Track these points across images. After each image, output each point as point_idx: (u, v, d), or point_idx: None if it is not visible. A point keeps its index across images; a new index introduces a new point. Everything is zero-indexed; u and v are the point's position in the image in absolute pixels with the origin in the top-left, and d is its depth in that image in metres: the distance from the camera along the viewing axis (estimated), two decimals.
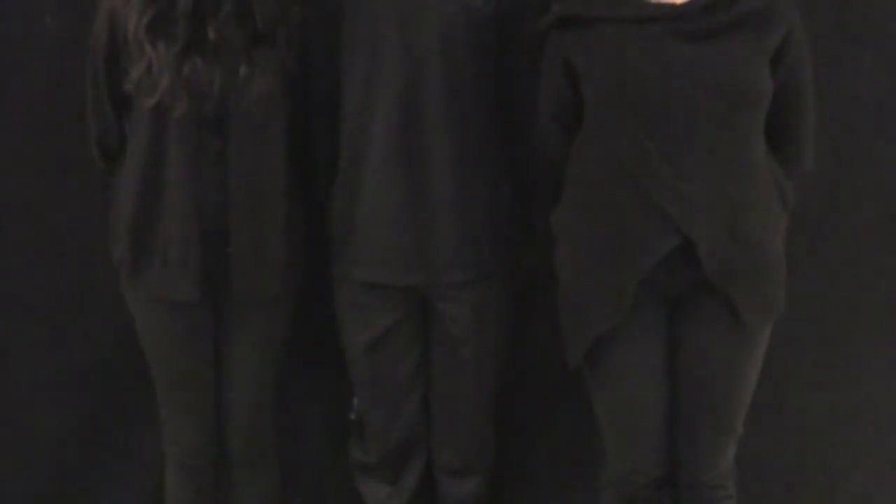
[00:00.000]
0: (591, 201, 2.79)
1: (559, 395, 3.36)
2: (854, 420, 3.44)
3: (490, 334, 3.08)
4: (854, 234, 3.36)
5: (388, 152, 2.92)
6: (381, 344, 3.07)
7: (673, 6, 2.72)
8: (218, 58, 2.81)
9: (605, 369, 2.83)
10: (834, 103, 3.12)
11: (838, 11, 3.24)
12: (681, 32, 2.70)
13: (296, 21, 2.89)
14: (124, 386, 3.38)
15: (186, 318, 2.93)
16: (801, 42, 2.78)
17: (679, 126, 2.69)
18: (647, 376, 2.82)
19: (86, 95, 2.95)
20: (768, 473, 3.41)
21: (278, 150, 2.90)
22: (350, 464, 3.29)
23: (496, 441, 3.25)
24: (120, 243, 2.94)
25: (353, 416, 3.18)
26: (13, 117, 3.28)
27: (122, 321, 3.18)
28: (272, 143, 2.88)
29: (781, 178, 2.82)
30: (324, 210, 3.05)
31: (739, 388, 2.83)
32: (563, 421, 3.42)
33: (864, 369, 3.42)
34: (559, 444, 3.46)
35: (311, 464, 3.46)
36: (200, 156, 2.84)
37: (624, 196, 2.73)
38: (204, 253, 2.87)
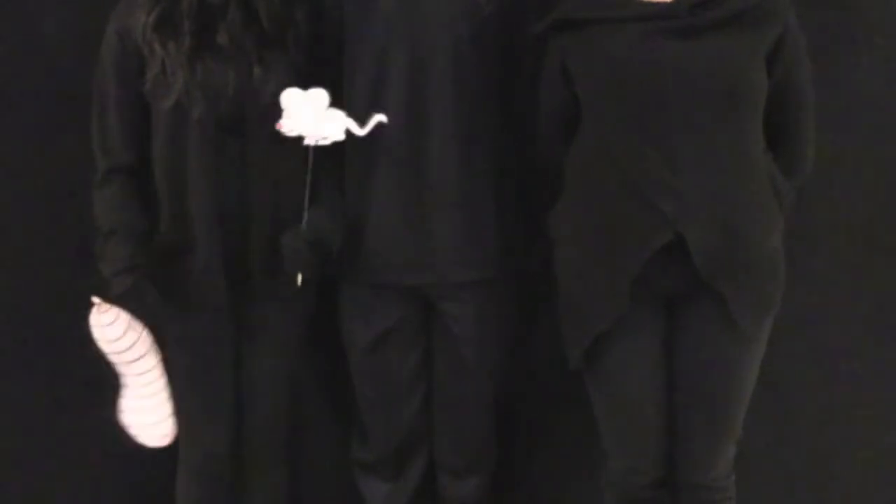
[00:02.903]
0: (587, 200, 2.80)
1: (560, 395, 3.36)
2: (850, 419, 3.45)
3: (492, 335, 3.09)
4: (852, 234, 3.36)
5: (394, 153, 2.92)
6: (383, 344, 3.08)
7: (665, 4, 2.72)
8: (230, 60, 2.82)
9: (603, 370, 2.84)
10: (833, 103, 3.12)
11: (838, 11, 3.24)
12: (673, 30, 2.71)
13: (303, 22, 2.89)
14: None
15: (206, 319, 2.92)
16: (797, 40, 2.79)
17: (672, 123, 2.70)
18: (645, 376, 2.83)
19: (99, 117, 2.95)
20: (765, 473, 3.41)
21: (296, 150, 2.89)
22: (351, 462, 3.29)
23: (497, 441, 3.25)
24: None
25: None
26: (13, 117, 3.28)
27: None
28: (290, 142, 2.88)
29: (778, 176, 2.82)
30: None
31: (737, 388, 2.83)
32: (564, 421, 3.42)
33: (860, 368, 3.42)
34: (560, 445, 3.47)
35: (312, 462, 3.46)
36: (220, 158, 2.85)
37: (619, 194, 2.73)
38: (226, 254, 2.88)
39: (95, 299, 2.87)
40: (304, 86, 2.86)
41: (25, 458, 3.43)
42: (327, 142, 2.82)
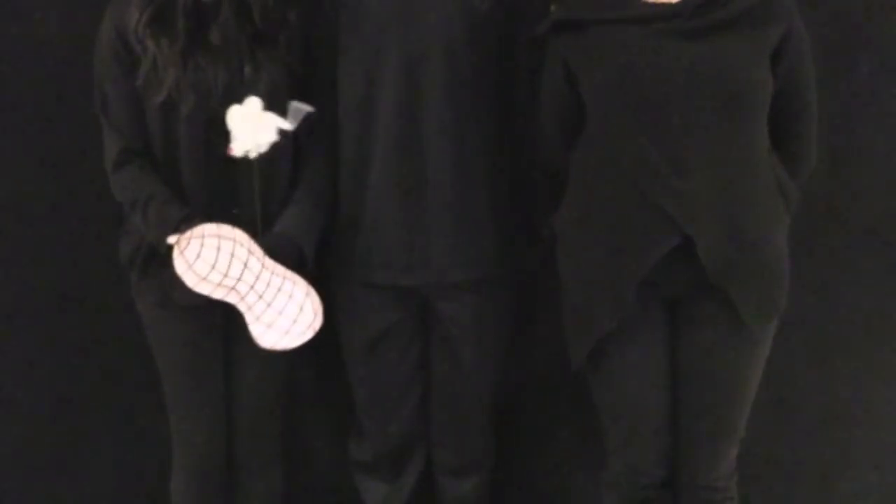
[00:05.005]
0: (592, 202, 2.79)
1: (559, 395, 3.37)
2: (851, 419, 3.45)
3: (490, 335, 3.09)
4: (852, 234, 3.36)
5: (389, 153, 2.92)
6: (380, 344, 3.08)
7: (669, 5, 2.71)
8: (221, 57, 2.82)
9: (607, 370, 2.83)
10: (834, 103, 3.12)
11: (838, 11, 3.24)
12: (677, 31, 2.70)
13: (295, 22, 2.89)
14: (125, 389, 3.39)
15: (196, 319, 2.92)
16: (801, 40, 2.78)
17: (678, 125, 2.69)
18: (649, 377, 2.82)
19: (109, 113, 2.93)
20: (767, 473, 3.41)
21: (286, 149, 2.90)
22: (349, 463, 3.29)
23: (496, 441, 3.25)
24: (130, 243, 2.94)
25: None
26: (13, 117, 3.27)
27: (122, 322, 3.20)
28: (279, 142, 2.88)
29: (784, 176, 2.82)
30: None
31: (740, 389, 2.83)
32: (563, 421, 3.43)
33: (861, 369, 3.42)
34: (558, 445, 3.47)
35: (310, 463, 3.46)
36: (209, 155, 2.85)
37: (624, 196, 2.73)
38: None
39: (172, 239, 2.76)
40: (296, 87, 2.88)
41: (23, 459, 3.43)
42: (265, 149, 2.81)
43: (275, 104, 2.82)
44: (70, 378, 3.40)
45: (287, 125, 2.81)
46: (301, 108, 2.82)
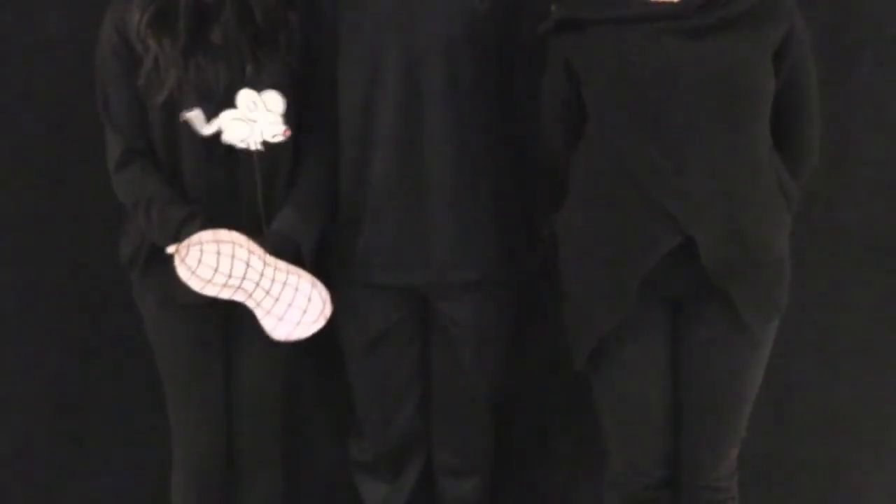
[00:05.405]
0: (593, 201, 2.79)
1: (559, 395, 3.37)
2: (852, 419, 3.45)
3: (490, 335, 3.09)
4: (852, 234, 3.36)
5: (389, 153, 2.92)
6: (381, 344, 3.08)
7: (670, 5, 2.71)
8: (222, 58, 2.83)
9: (609, 370, 2.83)
10: (834, 103, 3.12)
11: (838, 11, 3.24)
12: (679, 30, 2.69)
13: (296, 24, 2.90)
14: (125, 389, 3.39)
15: (197, 318, 2.92)
16: (802, 40, 2.78)
17: (680, 124, 2.68)
18: (650, 377, 2.82)
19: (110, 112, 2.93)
20: (767, 473, 3.41)
21: (285, 148, 2.90)
22: (349, 463, 3.29)
23: (496, 442, 3.25)
24: (131, 243, 2.94)
25: None
26: (14, 118, 3.27)
27: (122, 322, 3.20)
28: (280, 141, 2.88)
29: (785, 176, 2.81)
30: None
31: (742, 389, 2.82)
32: (563, 422, 3.43)
33: (862, 369, 3.42)
34: (558, 445, 3.47)
35: (310, 463, 3.46)
36: (210, 155, 2.85)
37: (626, 195, 2.72)
38: None
39: (171, 248, 2.77)
40: (297, 87, 2.89)
41: (23, 459, 3.43)
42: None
43: None
44: (70, 378, 3.40)
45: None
46: (191, 117, 2.83)
